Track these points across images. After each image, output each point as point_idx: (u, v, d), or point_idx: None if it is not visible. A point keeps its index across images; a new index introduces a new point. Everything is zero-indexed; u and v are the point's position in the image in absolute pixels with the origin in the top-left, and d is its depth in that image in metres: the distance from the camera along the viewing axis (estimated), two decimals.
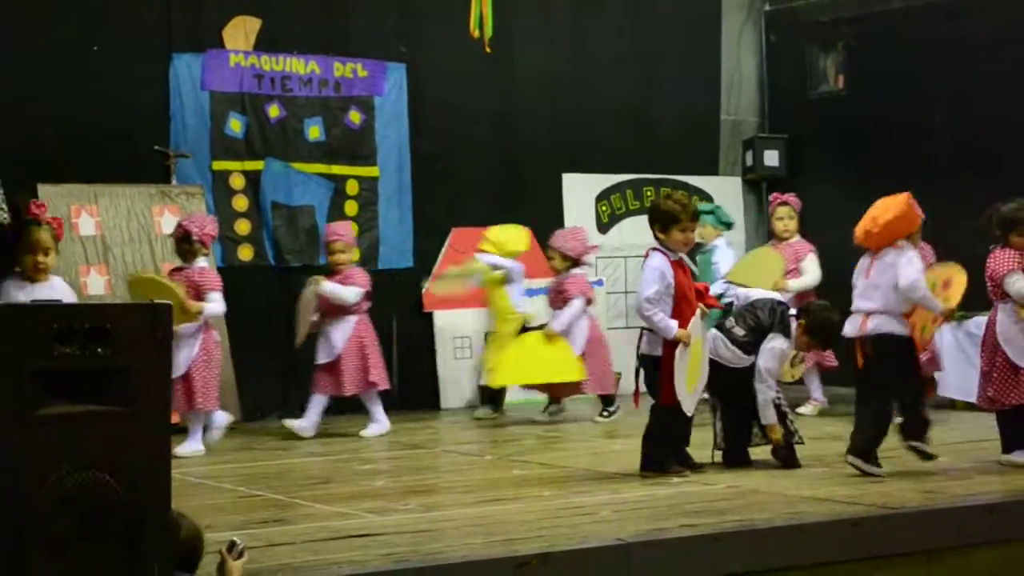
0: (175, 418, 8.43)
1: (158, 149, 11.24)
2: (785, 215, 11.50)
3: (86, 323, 4.20)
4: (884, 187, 12.81)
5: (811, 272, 11.28)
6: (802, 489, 7.30)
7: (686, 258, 8.05)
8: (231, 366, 10.85)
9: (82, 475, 4.09)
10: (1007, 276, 8.12)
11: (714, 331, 8.40)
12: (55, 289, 7.74)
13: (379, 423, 10.28)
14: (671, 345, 7.73)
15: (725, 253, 11.72)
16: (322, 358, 10.20)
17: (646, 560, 5.88)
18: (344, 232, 10.53)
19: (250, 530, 6.27)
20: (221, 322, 10.05)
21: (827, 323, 8.32)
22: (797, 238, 11.55)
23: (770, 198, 11.70)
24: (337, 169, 12.13)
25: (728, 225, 12.05)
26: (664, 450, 7.95)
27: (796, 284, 11.10)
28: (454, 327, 12.50)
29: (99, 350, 4.18)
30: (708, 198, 13.96)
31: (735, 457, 8.23)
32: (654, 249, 7.92)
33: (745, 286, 10.58)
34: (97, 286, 10.48)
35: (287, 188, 11.80)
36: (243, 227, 11.64)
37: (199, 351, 9.17)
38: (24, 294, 7.88)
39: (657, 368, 7.81)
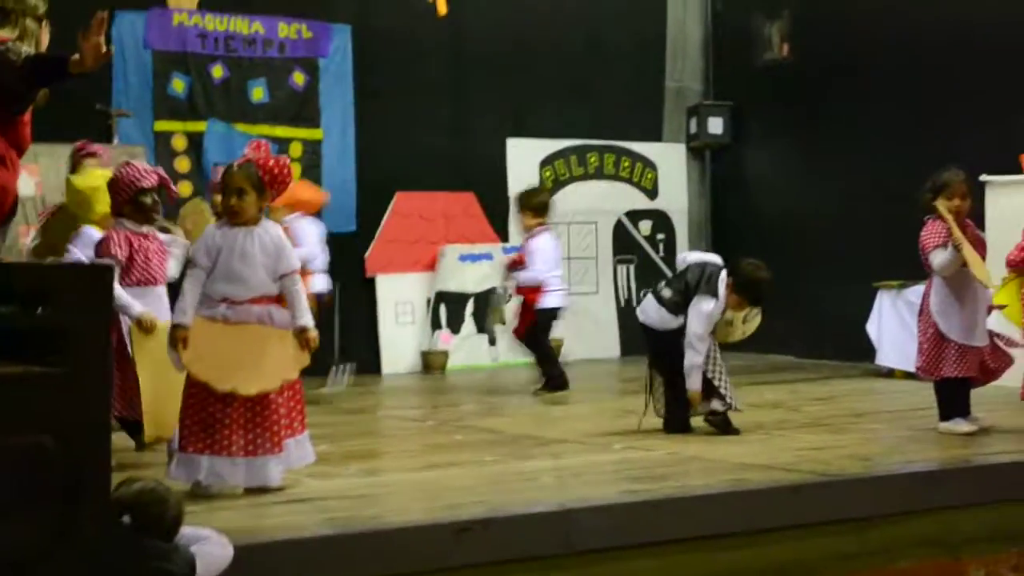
0: None
1: (99, 108, 11.10)
2: None
3: (25, 283, 4.16)
4: (828, 154, 13.00)
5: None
6: (743, 456, 7.34)
7: None
8: None
9: (20, 436, 4.05)
10: (932, 252, 8.13)
11: (648, 295, 8.41)
12: (254, 235, 6.50)
13: None
14: None
15: None
16: None
17: (586, 525, 5.90)
18: None
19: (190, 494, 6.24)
20: None
21: (754, 280, 8.23)
22: None
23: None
24: (281, 131, 12.05)
25: None
26: None
27: None
28: (396, 292, 12.46)
29: (38, 311, 4.14)
30: (652, 165, 13.99)
31: (676, 424, 8.23)
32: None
33: None
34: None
35: (229, 149, 11.67)
36: (185, 189, 11.54)
37: None
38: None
39: None
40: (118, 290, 6.95)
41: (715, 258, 8.50)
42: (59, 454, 4.11)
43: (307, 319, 6.50)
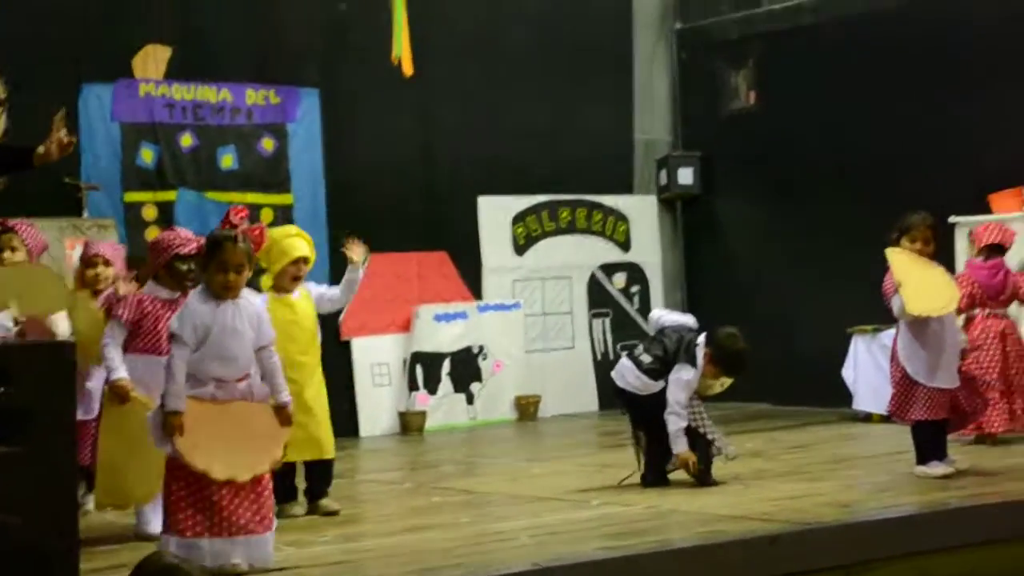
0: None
1: (69, 181, 11.10)
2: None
3: None
4: (798, 201, 13.05)
5: None
6: (720, 507, 7.32)
7: None
8: None
9: None
10: (892, 298, 8.17)
11: (624, 360, 8.42)
12: (240, 308, 6.29)
13: None
14: None
15: None
16: None
17: None
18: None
19: None
20: None
21: (733, 353, 8.21)
22: None
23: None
24: (251, 197, 12.03)
25: None
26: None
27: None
28: (372, 355, 12.44)
29: (0, 391, 4.13)
30: (624, 218, 14.02)
31: (653, 478, 8.23)
32: None
33: None
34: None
35: (201, 217, 11.67)
36: None
37: None
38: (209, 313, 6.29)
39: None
40: (110, 350, 6.94)
41: (690, 321, 8.50)
42: (25, 534, 4.09)
43: (287, 395, 6.38)
